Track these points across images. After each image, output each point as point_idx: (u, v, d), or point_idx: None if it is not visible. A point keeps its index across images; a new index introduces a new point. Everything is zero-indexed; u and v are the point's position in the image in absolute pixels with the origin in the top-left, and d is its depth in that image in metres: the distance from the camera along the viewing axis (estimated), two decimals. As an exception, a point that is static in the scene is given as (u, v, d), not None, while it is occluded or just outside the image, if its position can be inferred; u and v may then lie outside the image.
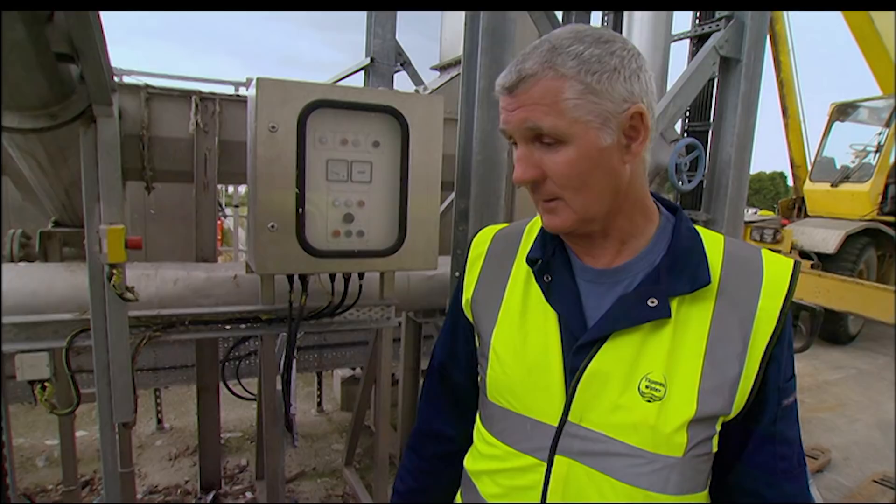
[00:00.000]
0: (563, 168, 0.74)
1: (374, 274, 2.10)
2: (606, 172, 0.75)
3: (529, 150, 0.76)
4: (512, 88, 0.74)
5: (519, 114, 0.74)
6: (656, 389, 0.75)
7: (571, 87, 0.71)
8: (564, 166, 0.74)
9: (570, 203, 0.76)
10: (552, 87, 0.72)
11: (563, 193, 0.76)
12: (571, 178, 0.74)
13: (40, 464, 3.28)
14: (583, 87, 0.71)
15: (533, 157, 0.75)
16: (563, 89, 0.72)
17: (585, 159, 0.74)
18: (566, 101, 0.72)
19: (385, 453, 2.42)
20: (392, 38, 2.83)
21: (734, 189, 2.34)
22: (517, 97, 0.74)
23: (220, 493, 3.00)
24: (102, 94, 1.53)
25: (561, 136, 0.73)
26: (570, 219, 0.77)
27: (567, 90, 0.71)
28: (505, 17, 1.96)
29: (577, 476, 0.79)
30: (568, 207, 0.77)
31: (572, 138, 0.73)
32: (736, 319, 0.76)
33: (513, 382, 0.84)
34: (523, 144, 0.76)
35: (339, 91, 1.81)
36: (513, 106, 0.75)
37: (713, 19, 2.36)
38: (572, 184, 0.75)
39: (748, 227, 7.06)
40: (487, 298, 0.92)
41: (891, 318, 5.43)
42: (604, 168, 0.75)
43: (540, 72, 0.72)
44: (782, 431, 0.81)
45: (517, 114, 0.74)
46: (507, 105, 0.76)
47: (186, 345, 3.08)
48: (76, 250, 2.21)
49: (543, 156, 0.75)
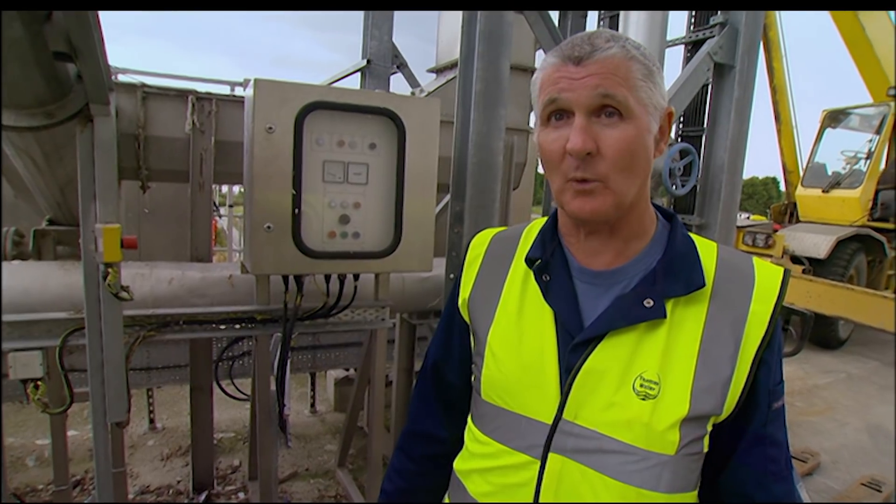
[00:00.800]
0: (620, 144, 0.75)
1: (368, 275, 2.10)
2: (647, 161, 0.79)
3: (589, 121, 0.75)
4: (583, 58, 0.75)
5: (590, 80, 0.74)
6: (650, 388, 0.77)
7: (639, 69, 0.76)
8: (623, 142, 0.75)
9: (613, 185, 0.76)
10: (624, 64, 0.75)
11: (611, 172, 0.76)
12: (625, 157, 0.75)
13: (30, 463, 3.26)
14: (647, 71, 0.76)
15: (591, 128, 0.75)
16: (633, 68, 0.75)
17: (639, 140, 0.76)
18: (635, 78, 0.75)
19: (378, 454, 2.42)
20: (389, 40, 2.84)
21: (727, 194, 2.36)
22: (587, 66, 0.75)
23: (213, 493, 2.99)
24: (100, 93, 1.53)
25: (629, 109, 0.75)
26: (607, 202, 0.77)
27: (636, 70, 0.75)
28: (502, 20, 1.97)
29: (570, 473, 0.80)
30: (608, 189, 0.76)
31: (635, 116, 0.75)
32: (728, 322, 0.78)
33: (508, 381, 0.85)
34: (583, 116, 0.75)
35: (336, 93, 1.82)
36: (581, 74, 0.75)
37: (707, 25, 2.38)
38: (624, 162, 0.76)
39: (741, 232, 7.11)
40: (484, 298, 0.93)
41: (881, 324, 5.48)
42: (647, 155, 0.78)
43: (614, 47, 0.75)
44: (772, 434, 0.83)
45: (588, 80, 0.74)
46: (573, 74, 0.75)
47: (180, 344, 3.07)
48: (70, 249, 2.20)
49: (600, 131, 0.75)
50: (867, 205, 7.22)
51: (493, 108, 2.00)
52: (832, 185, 7.49)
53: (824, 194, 7.53)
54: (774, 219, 8.63)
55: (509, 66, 2.01)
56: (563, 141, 0.76)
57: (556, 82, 0.76)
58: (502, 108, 2.02)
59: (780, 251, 6.76)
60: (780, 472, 0.83)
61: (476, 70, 1.98)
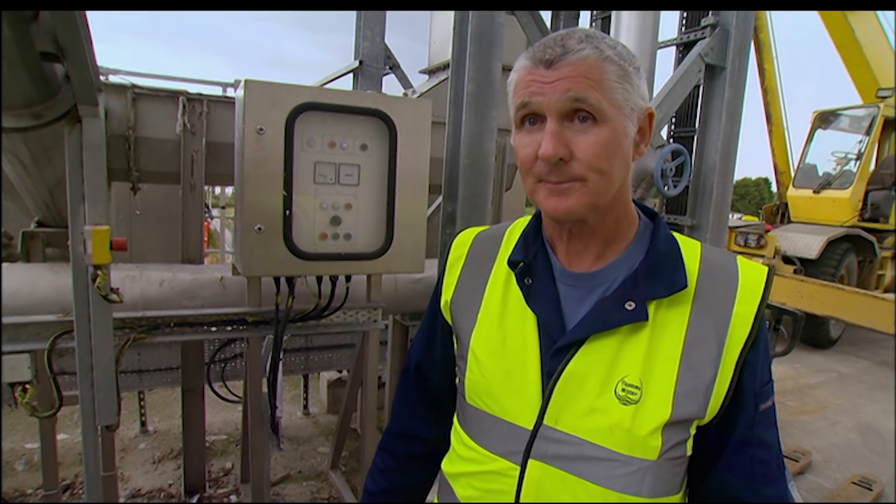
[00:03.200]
0: (594, 148, 0.73)
1: (361, 276, 2.10)
2: (624, 163, 0.77)
3: (560, 126, 0.73)
4: (553, 61, 0.73)
5: (561, 84, 0.72)
6: (632, 392, 0.75)
7: (613, 70, 0.73)
8: (597, 146, 0.73)
9: (590, 185, 0.74)
10: (597, 65, 0.72)
11: (588, 174, 0.74)
12: (601, 159, 0.73)
13: (20, 467, 3.23)
14: (622, 72, 0.74)
15: (564, 134, 0.73)
16: (607, 69, 0.73)
17: (615, 143, 0.74)
18: (609, 80, 0.73)
19: (371, 456, 2.40)
20: (381, 41, 2.84)
21: (719, 194, 2.37)
22: (559, 69, 0.72)
23: (205, 496, 2.97)
24: (88, 94, 1.52)
25: (602, 112, 0.72)
26: (582, 202, 0.75)
27: (610, 71, 0.73)
28: (493, 21, 1.98)
29: (550, 480, 0.79)
30: (585, 189, 0.74)
31: (608, 118, 0.73)
32: (711, 324, 0.77)
33: (490, 385, 0.84)
34: (555, 120, 0.73)
35: (328, 94, 1.81)
36: (552, 77, 0.73)
37: (699, 27, 2.39)
38: (600, 165, 0.73)
39: (733, 233, 7.15)
40: (467, 300, 0.91)
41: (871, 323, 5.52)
42: (624, 158, 0.76)
43: (587, 48, 0.73)
44: (760, 435, 0.81)
45: (559, 84, 0.72)
46: (544, 77, 0.73)
47: (171, 347, 3.05)
48: (59, 251, 2.18)
49: (573, 136, 0.73)
50: (857, 205, 7.28)
51: (484, 110, 2.00)
52: (823, 186, 7.55)
53: (815, 195, 7.59)
54: (766, 219, 8.68)
55: (501, 67, 2.01)
56: (535, 146, 0.74)
57: (528, 86, 0.75)
58: (494, 109, 2.02)
59: (771, 251, 6.80)
60: (769, 473, 0.82)
61: (468, 71, 1.98)
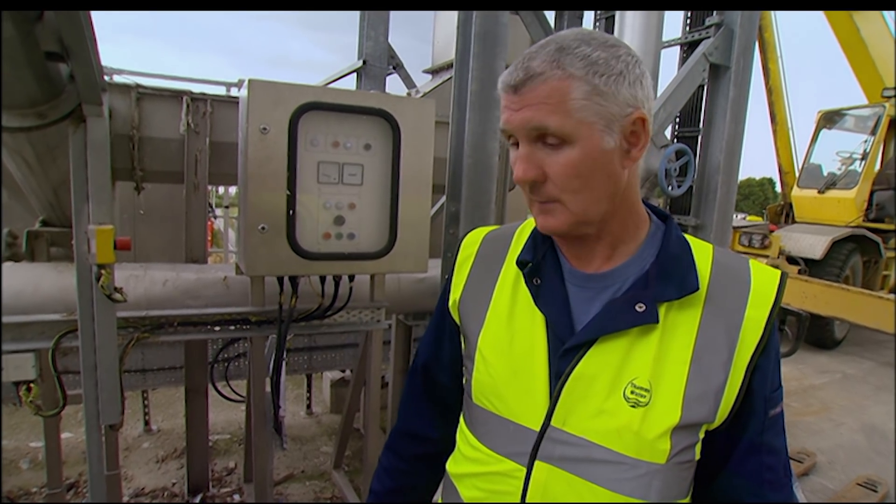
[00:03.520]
0: (565, 169, 0.73)
1: (364, 276, 2.09)
2: (607, 176, 0.75)
3: (531, 149, 0.74)
4: (518, 87, 0.73)
5: (524, 113, 0.72)
6: (641, 395, 0.75)
7: (579, 88, 0.71)
8: (566, 168, 0.73)
9: (568, 205, 0.75)
10: (560, 86, 0.71)
11: (562, 195, 0.75)
12: (572, 180, 0.73)
13: (24, 466, 3.24)
14: (590, 88, 0.71)
15: (535, 156, 0.74)
16: (571, 89, 0.71)
17: (588, 161, 0.73)
18: (573, 101, 0.71)
19: (374, 456, 2.41)
20: (384, 41, 2.83)
21: (723, 194, 2.36)
22: (523, 96, 0.72)
23: (208, 495, 2.98)
24: (92, 94, 1.52)
25: (566, 136, 0.72)
26: (566, 221, 0.76)
27: (574, 90, 0.71)
28: (497, 20, 1.97)
29: (556, 482, 0.78)
30: (565, 209, 0.75)
31: (577, 139, 0.72)
32: (722, 328, 0.76)
33: (498, 385, 0.84)
34: (526, 144, 0.74)
35: (331, 93, 1.81)
36: (517, 105, 0.73)
37: (703, 26, 2.38)
38: (573, 185, 0.74)
39: (737, 233, 7.12)
40: (475, 300, 0.91)
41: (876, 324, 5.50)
42: (605, 171, 0.75)
43: (548, 71, 0.71)
44: (769, 442, 0.81)
45: (522, 113, 0.73)
46: (511, 104, 0.74)
47: (175, 346, 3.06)
48: (64, 250, 2.19)
49: (546, 157, 0.74)
50: (862, 205, 7.26)
51: (488, 109, 1.99)
52: (828, 186, 7.52)
53: (820, 195, 7.56)
54: (770, 219, 8.65)
55: (505, 67, 2.01)
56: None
57: (503, 110, 0.76)
58: (498, 108, 2.00)
59: (776, 252, 6.78)
60: (777, 480, 0.81)
61: (472, 70, 1.97)
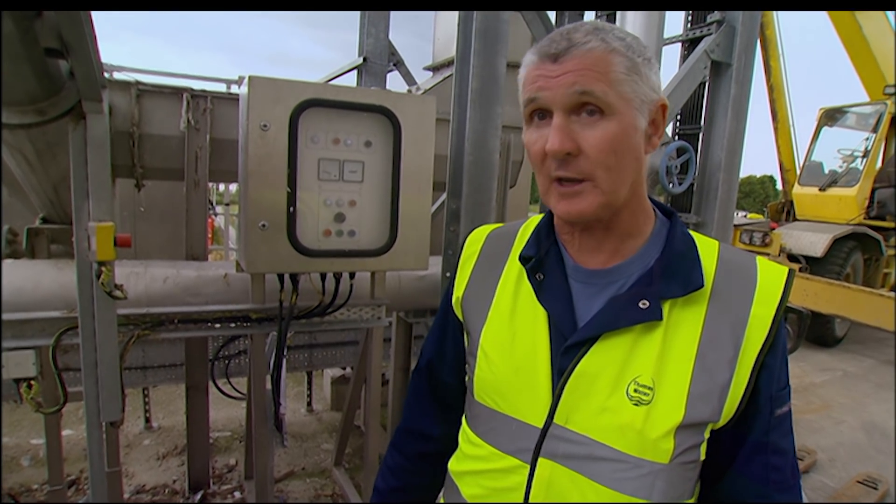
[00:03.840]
0: (601, 143, 0.72)
1: (364, 273, 2.09)
2: (635, 157, 0.76)
3: (567, 121, 0.73)
4: (559, 55, 0.72)
5: (567, 78, 0.71)
6: (644, 393, 0.74)
7: (620, 63, 0.72)
8: (603, 141, 0.72)
9: (599, 183, 0.73)
10: (604, 57, 0.72)
11: (596, 171, 0.73)
12: (609, 155, 0.72)
13: (25, 463, 3.25)
14: (630, 64, 0.73)
15: (570, 128, 0.73)
16: (614, 62, 0.72)
17: (623, 137, 0.73)
18: (616, 73, 0.72)
19: (374, 453, 2.41)
20: (385, 38, 2.83)
21: (724, 192, 2.36)
22: (564, 63, 0.72)
23: (209, 492, 2.98)
24: (92, 91, 1.52)
25: (608, 105, 0.71)
26: (594, 202, 0.74)
27: (617, 64, 0.72)
28: (498, 18, 1.96)
29: (559, 480, 0.78)
30: (596, 189, 0.74)
31: (616, 112, 0.72)
32: (728, 325, 0.75)
33: (500, 382, 0.83)
34: (561, 115, 0.73)
35: (332, 90, 1.81)
36: (558, 72, 0.72)
37: (704, 23, 2.37)
38: (608, 161, 0.73)
39: (737, 230, 7.11)
40: (478, 297, 0.91)
41: (877, 322, 5.49)
42: (634, 152, 0.75)
43: (592, 41, 0.72)
44: (775, 442, 0.79)
45: (564, 78, 0.71)
46: (550, 72, 0.73)
47: (176, 343, 3.05)
48: (64, 247, 2.19)
49: (581, 130, 0.72)
50: (864, 203, 7.24)
51: (489, 106, 1.99)
52: (829, 184, 7.51)
53: (821, 193, 7.55)
54: (771, 217, 8.65)
55: (506, 64, 2.00)
56: (543, 141, 0.74)
57: (535, 81, 0.74)
58: (498, 105, 2.01)
59: (776, 249, 6.77)
60: (783, 481, 0.80)
61: (472, 68, 1.97)
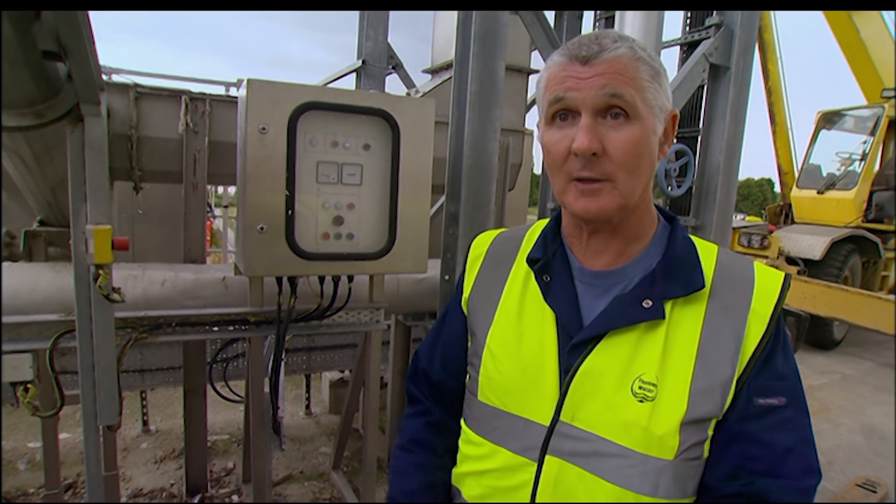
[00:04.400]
0: (625, 145, 0.75)
1: (363, 276, 2.09)
2: (651, 163, 0.79)
3: (595, 121, 0.75)
4: (590, 58, 0.75)
5: (598, 80, 0.74)
6: (648, 390, 0.76)
7: (645, 70, 0.76)
8: (629, 144, 0.75)
9: (619, 185, 0.76)
10: (632, 64, 0.75)
11: (618, 173, 0.76)
12: (632, 158, 0.75)
13: (21, 467, 3.23)
14: (653, 73, 0.77)
15: (597, 129, 0.75)
16: (640, 69, 0.75)
17: (645, 142, 0.76)
18: (642, 80, 0.75)
19: (373, 457, 2.41)
20: (384, 41, 2.83)
21: (723, 195, 2.36)
22: (595, 66, 0.75)
23: (207, 496, 2.97)
24: (90, 93, 1.51)
25: (634, 110, 0.75)
26: (612, 202, 0.77)
27: (643, 71, 0.76)
28: (497, 21, 1.97)
29: (567, 476, 0.79)
30: (614, 189, 0.76)
31: (641, 117, 0.75)
32: (728, 322, 0.77)
33: (507, 381, 0.85)
34: (589, 116, 0.75)
35: (330, 93, 1.81)
36: (588, 74, 0.75)
37: (703, 27, 2.38)
38: (630, 164, 0.76)
39: (736, 233, 7.13)
40: (484, 298, 0.93)
41: (875, 325, 5.50)
42: (651, 157, 0.78)
43: (622, 47, 0.75)
44: (754, 432, 0.76)
45: (595, 80, 0.74)
46: (579, 74, 0.75)
47: (173, 346, 3.05)
48: (61, 250, 2.18)
49: (607, 132, 0.75)
50: (862, 206, 7.26)
51: (488, 109, 1.99)
52: (827, 187, 7.53)
53: (819, 195, 7.57)
54: (770, 220, 8.66)
55: (504, 67, 2.01)
56: (568, 141, 0.76)
57: (563, 81, 0.76)
58: (497, 108, 2.01)
59: (775, 252, 6.79)
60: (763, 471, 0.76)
61: (471, 71, 1.97)
